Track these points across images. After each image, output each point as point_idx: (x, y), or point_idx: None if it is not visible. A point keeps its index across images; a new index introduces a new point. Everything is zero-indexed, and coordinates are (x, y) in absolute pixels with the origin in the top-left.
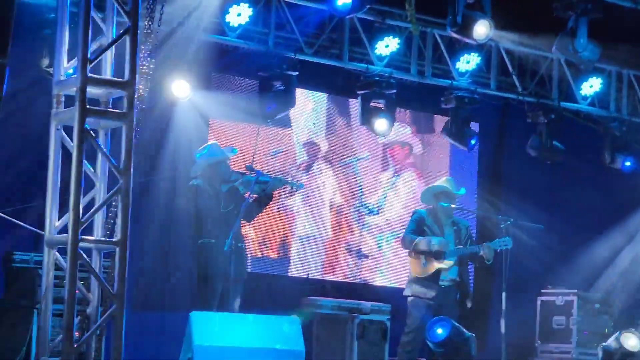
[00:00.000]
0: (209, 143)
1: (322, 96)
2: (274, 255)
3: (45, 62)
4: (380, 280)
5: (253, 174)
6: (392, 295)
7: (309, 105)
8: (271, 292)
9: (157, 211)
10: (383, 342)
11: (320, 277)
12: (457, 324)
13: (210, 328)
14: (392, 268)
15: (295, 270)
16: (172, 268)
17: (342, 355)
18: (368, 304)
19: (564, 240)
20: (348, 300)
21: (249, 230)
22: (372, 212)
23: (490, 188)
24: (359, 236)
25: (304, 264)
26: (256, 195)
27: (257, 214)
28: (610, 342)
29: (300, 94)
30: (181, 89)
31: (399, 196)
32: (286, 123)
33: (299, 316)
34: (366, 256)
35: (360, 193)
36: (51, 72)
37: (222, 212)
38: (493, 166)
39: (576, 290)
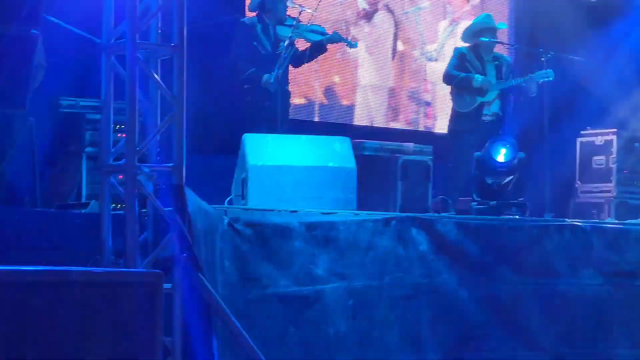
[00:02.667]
0: None
1: None
2: (338, 103)
3: None
4: (439, 126)
5: (310, 19)
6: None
7: None
8: None
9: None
10: (426, 182)
11: (384, 125)
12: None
13: (263, 148)
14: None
15: (360, 118)
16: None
17: (385, 195)
18: (410, 145)
19: (602, 80)
20: (390, 142)
21: (313, 79)
22: (430, 60)
23: (528, 28)
24: (421, 84)
25: (368, 112)
26: (310, 44)
27: (307, 62)
28: None
29: None
30: None
31: (456, 45)
32: None
33: None
34: (428, 103)
35: (422, 42)
36: None
37: (269, 53)
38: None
39: (615, 130)
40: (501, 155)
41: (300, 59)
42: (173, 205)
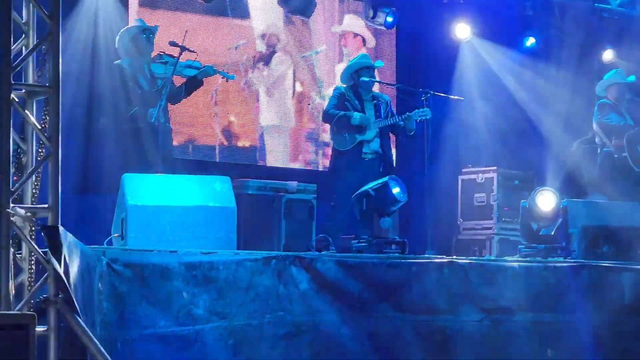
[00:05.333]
0: (135, 19)
1: None
2: (240, 145)
3: None
4: None
5: (186, 55)
6: None
7: None
8: None
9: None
10: (310, 220)
11: (285, 165)
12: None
13: (142, 188)
14: None
15: (262, 159)
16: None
17: (270, 234)
18: (294, 184)
19: (484, 118)
20: (274, 181)
21: (213, 121)
22: None
23: (410, 66)
24: (319, 125)
25: (270, 153)
26: (185, 80)
27: (184, 97)
28: (529, 199)
29: None
30: None
31: None
32: (245, 14)
33: None
34: (327, 144)
35: (320, 85)
36: None
37: (147, 91)
38: (412, 44)
39: (496, 167)
40: (396, 194)
41: (177, 95)
42: (48, 247)
